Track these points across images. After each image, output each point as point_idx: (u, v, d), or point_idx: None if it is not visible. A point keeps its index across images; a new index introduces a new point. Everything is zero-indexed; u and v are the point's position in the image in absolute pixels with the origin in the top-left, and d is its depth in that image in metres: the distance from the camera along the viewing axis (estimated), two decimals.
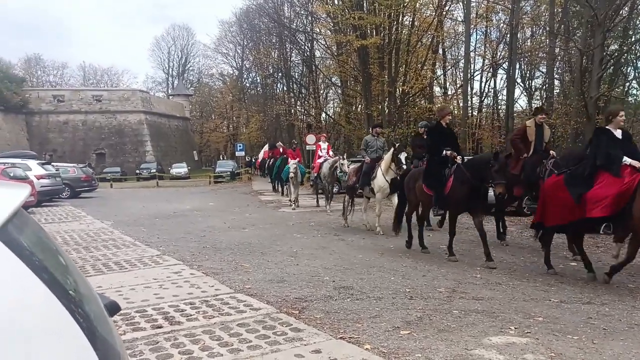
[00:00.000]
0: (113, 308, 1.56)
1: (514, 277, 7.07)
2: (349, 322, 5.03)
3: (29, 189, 1.30)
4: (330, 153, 16.58)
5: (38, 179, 18.12)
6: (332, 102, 50.45)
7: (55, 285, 1.04)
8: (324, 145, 17.06)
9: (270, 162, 23.70)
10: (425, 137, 11.06)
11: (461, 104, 31.78)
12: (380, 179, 11.10)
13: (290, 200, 17.24)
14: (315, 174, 16.07)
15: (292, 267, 7.59)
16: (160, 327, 4.83)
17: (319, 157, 16.39)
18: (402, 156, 10.66)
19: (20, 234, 1.11)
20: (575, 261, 7.99)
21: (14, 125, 43.66)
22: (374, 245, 9.67)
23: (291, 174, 15.90)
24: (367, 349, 4.27)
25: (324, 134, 19.66)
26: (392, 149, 10.94)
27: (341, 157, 14.89)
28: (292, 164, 16.32)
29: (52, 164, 22.78)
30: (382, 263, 7.95)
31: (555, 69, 28.34)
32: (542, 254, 8.43)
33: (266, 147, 30.05)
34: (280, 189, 22.29)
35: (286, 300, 5.80)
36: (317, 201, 17.15)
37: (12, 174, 15.75)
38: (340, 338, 4.53)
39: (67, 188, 22.00)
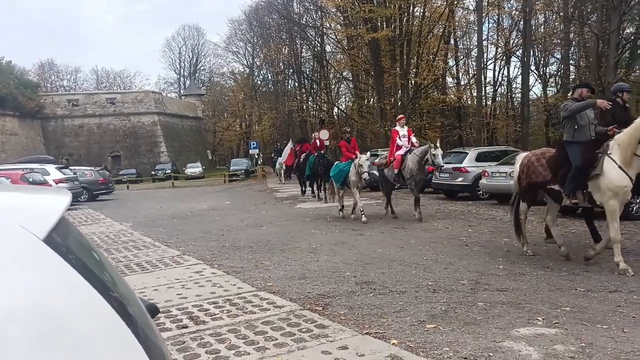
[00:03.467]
0: (152, 310, 1.55)
1: (537, 266, 6.98)
2: (374, 317, 5.01)
3: (70, 195, 1.30)
4: (414, 140, 12.55)
5: (57, 183, 18.32)
6: (344, 96, 50.42)
7: (103, 289, 1.03)
8: (402, 130, 12.59)
9: (301, 160, 19.35)
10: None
11: (475, 94, 31.48)
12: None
13: (339, 209, 13.22)
14: (396, 171, 12.12)
15: (312, 264, 7.58)
16: (185, 327, 4.85)
17: (398, 147, 12.36)
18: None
19: (66, 240, 1.10)
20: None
21: (30, 130, 44.20)
22: (393, 239, 9.61)
23: (365, 174, 11.55)
24: (393, 344, 4.24)
25: (403, 116, 14.26)
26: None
27: (432, 145, 11.72)
28: (362, 160, 11.64)
29: (70, 167, 23.04)
30: (403, 257, 7.90)
31: (570, 54, 27.97)
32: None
33: (290, 145, 24.94)
34: (319, 192, 17.98)
35: (309, 296, 5.79)
36: (390, 207, 13.15)
37: (31, 179, 15.96)
38: (366, 333, 4.50)
39: (84, 191, 22.23)
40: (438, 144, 11.87)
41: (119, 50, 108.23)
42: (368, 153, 13.16)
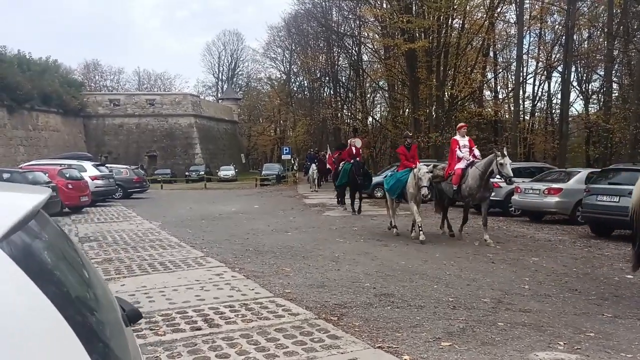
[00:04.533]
0: (134, 316, 1.54)
1: (564, 289, 6.75)
2: (389, 330, 4.92)
3: (47, 194, 1.29)
4: (477, 153, 11.01)
5: (92, 180, 18.84)
6: (379, 106, 50.28)
7: (58, 294, 1.02)
8: (463, 140, 11.10)
9: (340, 167, 17.67)
10: None
11: (512, 108, 30.89)
12: None
13: (392, 227, 11.77)
14: (455, 187, 10.67)
15: (333, 272, 7.53)
16: (199, 329, 4.87)
17: (458, 159, 10.86)
18: None
19: (30, 241, 1.09)
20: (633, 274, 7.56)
21: (72, 127, 45.60)
22: (417, 252, 9.47)
23: (424, 189, 9.97)
24: (405, 359, 4.15)
25: (464, 124, 12.49)
26: None
27: (499, 152, 10.10)
28: (422, 172, 10.11)
29: (106, 165, 23.64)
30: (425, 270, 7.76)
31: (613, 71, 27.16)
32: (596, 266, 8.07)
33: (329, 151, 22.90)
34: (352, 203, 16.36)
35: (325, 305, 5.74)
36: (447, 224, 11.66)
37: (67, 175, 16.43)
38: (379, 347, 4.43)
39: (119, 189, 22.77)
40: (505, 152, 10.26)
41: (161, 53, 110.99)
42: (431, 165, 11.15)
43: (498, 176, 10.32)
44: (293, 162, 39.42)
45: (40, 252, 1.16)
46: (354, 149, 16.33)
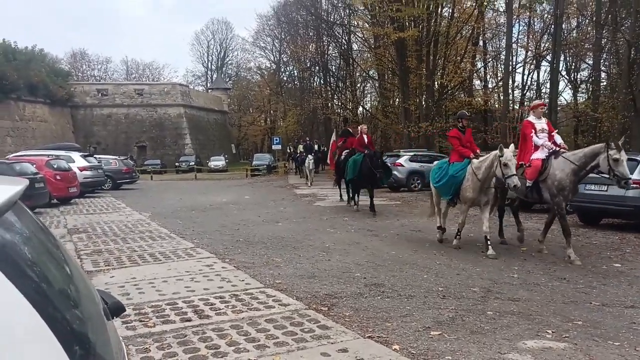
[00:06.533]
0: (117, 309, 1.51)
1: (553, 277, 6.80)
2: (379, 320, 4.94)
3: (22, 185, 1.25)
4: (558, 139, 8.60)
5: (81, 171, 18.67)
6: (369, 95, 50.22)
7: (35, 289, 0.99)
8: (540, 123, 8.71)
9: (342, 157, 15.45)
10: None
11: (502, 97, 30.99)
12: None
13: (441, 236, 9.47)
14: (529, 182, 8.34)
15: (323, 263, 7.53)
16: (189, 320, 4.86)
17: (535, 147, 8.50)
18: None
19: (4, 236, 1.06)
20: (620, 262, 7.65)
21: (60, 118, 45.06)
22: (407, 242, 9.50)
23: (513, 179, 7.71)
24: (395, 349, 4.17)
25: (542, 102, 10.34)
26: None
27: (613, 143, 7.65)
28: (508, 156, 7.79)
29: (95, 156, 23.42)
30: (416, 260, 7.79)
31: (601, 60, 27.31)
32: (584, 254, 8.14)
33: (334, 137, 19.93)
34: (357, 200, 14.55)
35: (316, 296, 5.74)
36: (500, 230, 9.51)
37: (55, 166, 16.25)
38: (369, 337, 4.44)
39: (108, 180, 22.58)
40: (620, 142, 7.74)
41: (149, 42, 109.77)
42: (512, 145, 8.28)
43: (604, 174, 7.83)
44: (293, 148, 37.92)
45: (16, 245, 1.13)
46: (365, 137, 14.27)
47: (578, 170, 7.89)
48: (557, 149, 8.38)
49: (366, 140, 14.09)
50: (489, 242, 8.15)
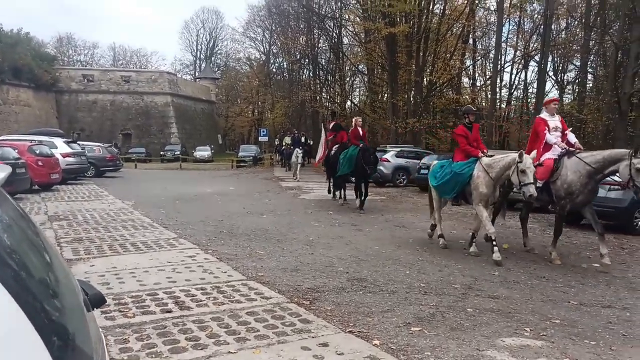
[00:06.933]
0: (97, 300, 1.49)
1: (533, 276, 6.88)
2: (360, 315, 4.95)
3: (1, 174, 1.23)
4: (572, 138, 8.29)
5: (64, 157, 18.43)
6: (357, 90, 50.17)
7: (13, 278, 0.97)
8: (553, 120, 8.34)
9: (332, 151, 14.77)
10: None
11: (489, 96, 31.19)
12: None
13: (439, 237, 8.86)
14: (540, 183, 7.74)
15: (307, 256, 7.53)
16: (169, 311, 4.83)
17: (547, 146, 8.09)
18: None
19: None
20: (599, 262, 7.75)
21: (44, 103, 44.41)
22: (391, 237, 9.54)
23: (529, 187, 7.15)
24: (375, 344, 4.19)
25: (556, 97, 8.92)
26: None
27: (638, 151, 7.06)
28: (527, 162, 7.25)
29: (78, 142, 23.12)
30: (399, 256, 7.83)
31: (589, 62, 27.59)
32: (564, 254, 8.25)
33: (323, 134, 17.34)
34: (342, 193, 14.45)
35: (298, 289, 5.74)
36: (525, 234, 8.90)
37: (37, 151, 16.02)
38: (349, 332, 4.45)
39: (91, 167, 22.30)
40: None
41: (137, 29, 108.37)
42: (533, 152, 7.90)
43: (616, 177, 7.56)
44: (279, 140, 36.80)
45: None
46: (360, 129, 13.65)
47: (594, 172, 7.42)
48: (573, 149, 7.93)
49: (361, 132, 13.63)
50: (494, 243, 7.57)
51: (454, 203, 8.81)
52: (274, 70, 58.83)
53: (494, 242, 7.57)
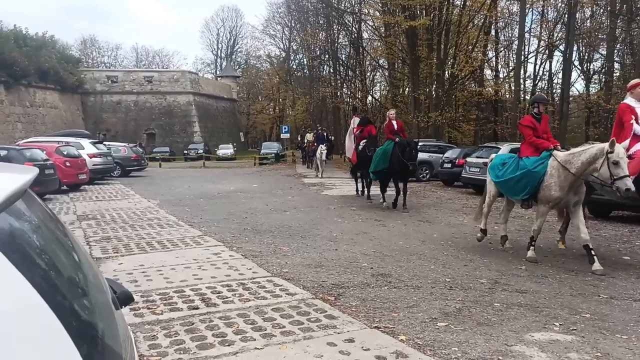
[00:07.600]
0: (125, 298, 1.51)
1: (561, 270, 6.76)
2: (385, 311, 4.94)
3: (32, 174, 1.25)
4: None
5: (90, 158, 18.79)
6: (378, 84, 49.91)
7: (44, 278, 0.99)
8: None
9: (360, 147, 14.27)
10: None
11: (513, 88, 30.69)
12: None
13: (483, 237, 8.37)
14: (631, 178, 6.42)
15: (330, 252, 7.54)
16: (196, 308, 4.88)
17: (635, 136, 7.09)
18: None
19: (14, 225, 1.06)
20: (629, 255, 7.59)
21: (70, 104, 45.28)
22: (415, 232, 9.48)
23: (625, 181, 6.25)
24: (401, 340, 4.17)
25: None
26: None
27: None
28: (620, 152, 6.30)
29: (104, 143, 23.54)
30: (423, 251, 7.78)
31: (615, 51, 26.91)
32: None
33: (354, 124, 15.96)
34: (367, 191, 14.20)
35: (322, 285, 5.75)
36: (563, 229, 8.38)
37: (65, 152, 16.36)
38: (375, 327, 4.44)
39: (118, 167, 22.70)
40: None
41: (159, 29, 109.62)
42: (626, 141, 6.71)
43: None
44: (300, 137, 36.61)
45: (26, 234, 1.13)
46: (394, 123, 12.58)
47: None
48: None
49: (396, 126, 12.51)
50: (592, 252, 6.69)
51: (524, 206, 7.65)
52: (294, 66, 58.93)
53: (593, 252, 6.71)
